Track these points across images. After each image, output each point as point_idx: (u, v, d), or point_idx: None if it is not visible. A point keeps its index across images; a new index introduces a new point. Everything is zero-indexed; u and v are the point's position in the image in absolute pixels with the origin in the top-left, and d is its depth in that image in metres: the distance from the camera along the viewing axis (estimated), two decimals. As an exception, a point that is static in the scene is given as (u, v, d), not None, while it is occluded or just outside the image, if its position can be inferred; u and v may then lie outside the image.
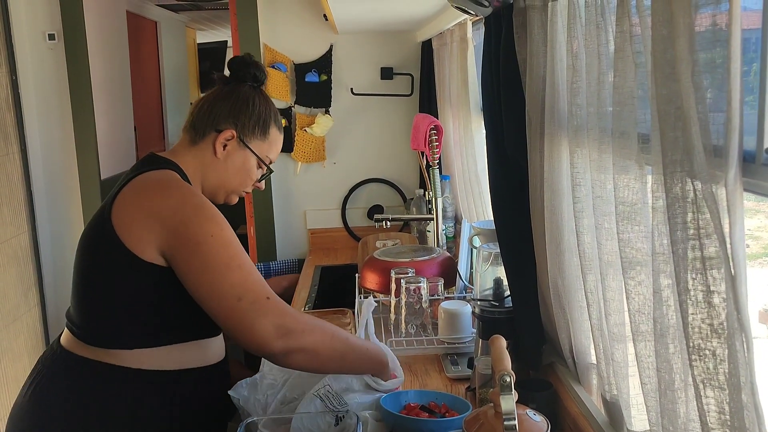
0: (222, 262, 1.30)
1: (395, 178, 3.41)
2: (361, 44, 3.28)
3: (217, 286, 1.30)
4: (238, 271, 1.31)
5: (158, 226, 1.32)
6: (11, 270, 3.01)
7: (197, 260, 1.30)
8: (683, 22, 0.77)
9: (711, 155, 0.77)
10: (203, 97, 1.56)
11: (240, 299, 1.29)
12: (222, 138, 1.50)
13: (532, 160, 1.44)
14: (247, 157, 1.53)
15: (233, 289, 1.29)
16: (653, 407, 1.01)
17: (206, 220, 1.33)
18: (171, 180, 1.40)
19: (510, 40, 1.45)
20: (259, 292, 1.31)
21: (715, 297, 0.78)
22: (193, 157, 1.51)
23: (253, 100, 1.54)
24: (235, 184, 1.55)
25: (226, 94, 1.54)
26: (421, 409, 1.45)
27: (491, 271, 1.70)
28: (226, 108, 1.51)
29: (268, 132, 1.56)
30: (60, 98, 3.23)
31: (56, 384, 1.39)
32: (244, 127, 1.52)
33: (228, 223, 1.37)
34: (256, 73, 1.57)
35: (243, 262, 1.33)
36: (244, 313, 1.29)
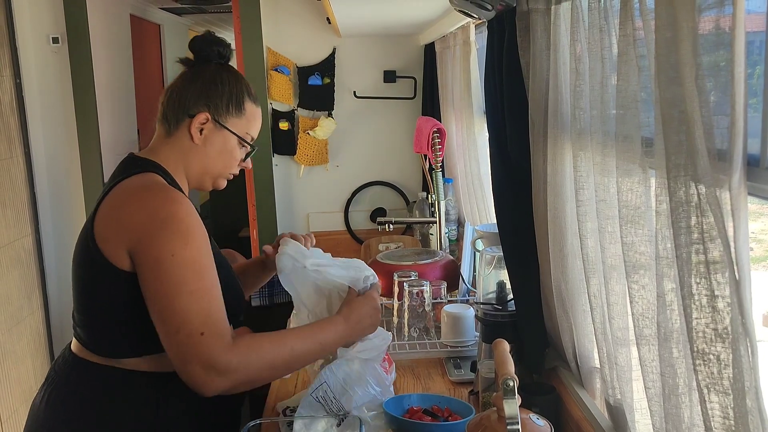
0: (173, 286, 1.26)
1: (398, 181, 3.41)
2: (364, 47, 3.29)
3: (163, 311, 1.26)
4: (186, 298, 1.25)
5: (128, 239, 1.30)
6: (14, 273, 3.01)
7: (152, 280, 1.27)
8: (687, 26, 0.77)
9: (715, 159, 0.76)
10: (169, 86, 1.48)
11: (178, 331, 1.25)
12: (196, 122, 1.42)
13: (535, 163, 1.44)
14: (226, 137, 1.45)
15: (175, 317, 1.25)
16: (657, 411, 1.00)
17: (171, 236, 1.27)
18: (146, 188, 1.35)
19: (513, 43, 1.45)
20: (197, 326, 1.25)
21: (720, 301, 0.78)
22: (171, 149, 1.44)
23: (221, 78, 1.45)
24: (219, 168, 1.48)
25: (193, 77, 1.46)
26: (424, 412, 1.45)
27: (494, 275, 1.70)
28: (195, 91, 1.43)
29: (243, 107, 1.46)
30: (64, 101, 3.24)
31: (69, 390, 1.39)
32: (218, 107, 1.43)
33: (201, 236, 1.32)
34: (220, 50, 1.48)
35: (196, 288, 1.27)
36: (178, 347, 1.26)
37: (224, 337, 1.27)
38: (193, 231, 1.31)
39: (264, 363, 1.30)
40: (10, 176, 3.03)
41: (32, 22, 3.17)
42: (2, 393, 2.85)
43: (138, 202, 1.32)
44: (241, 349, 1.27)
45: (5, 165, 3.00)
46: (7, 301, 2.93)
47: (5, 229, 2.95)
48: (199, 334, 1.25)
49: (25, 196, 3.16)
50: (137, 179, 1.37)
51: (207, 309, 1.27)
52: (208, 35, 1.49)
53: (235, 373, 1.26)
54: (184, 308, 1.25)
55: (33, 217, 3.20)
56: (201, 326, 1.25)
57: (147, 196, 1.33)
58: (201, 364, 1.24)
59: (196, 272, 1.28)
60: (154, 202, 1.31)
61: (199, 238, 1.31)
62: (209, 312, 1.27)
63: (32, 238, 3.19)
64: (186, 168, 1.45)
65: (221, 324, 1.28)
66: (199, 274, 1.28)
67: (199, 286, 1.27)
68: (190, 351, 1.25)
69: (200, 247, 1.31)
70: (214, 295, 1.30)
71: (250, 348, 1.29)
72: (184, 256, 1.27)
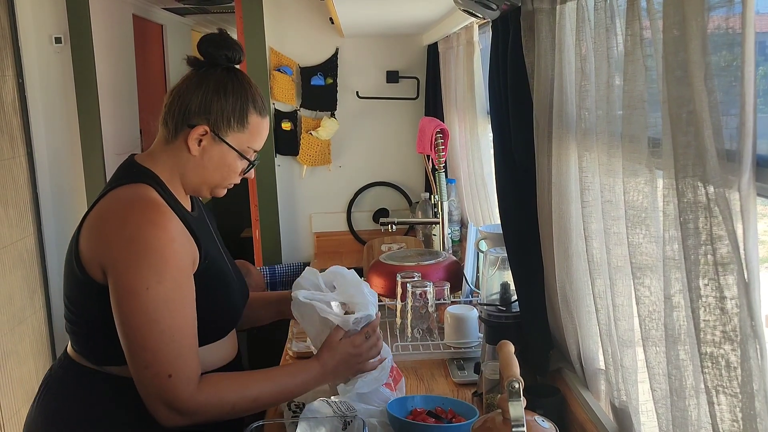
0: (145, 322, 1.24)
1: (401, 181, 3.40)
2: (366, 48, 3.28)
3: (133, 345, 1.26)
4: (157, 337, 1.25)
5: (104, 257, 1.28)
6: (17, 273, 3.01)
7: (125, 311, 1.26)
8: (696, 24, 0.76)
9: (724, 159, 0.76)
10: (173, 88, 1.39)
11: (146, 368, 1.25)
12: (195, 134, 1.35)
13: (540, 163, 1.43)
14: (224, 151, 1.37)
15: (144, 354, 1.25)
16: (664, 414, 1.00)
17: (147, 268, 1.24)
18: (132, 205, 1.30)
19: (518, 43, 1.44)
20: (165, 367, 1.25)
21: (728, 302, 0.77)
22: (168, 157, 1.39)
23: (225, 88, 1.36)
24: (216, 180, 1.41)
25: (197, 84, 1.36)
26: (428, 414, 1.44)
27: (498, 276, 1.69)
28: (197, 100, 1.35)
29: (246, 121, 1.37)
30: (66, 101, 3.24)
31: (62, 393, 1.39)
32: (218, 120, 1.35)
33: (179, 269, 1.28)
34: (228, 54, 1.38)
35: (168, 327, 1.25)
36: (145, 383, 1.27)
37: (191, 381, 1.28)
38: (171, 261, 1.27)
39: (226, 408, 1.31)
40: (12, 176, 3.03)
41: (35, 22, 3.17)
42: (4, 393, 2.84)
43: (119, 220, 1.29)
44: (204, 394, 1.29)
45: (8, 165, 2.99)
46: (9, 301, 2.93)
47: (8, 229, 2.95)
48: (167, 376, 1.25)
49: (28, 196, 3.16)
50: (127, 191, 1.34)
51: (177, 350, 1.27)
52: (217, 37, 1.39)
53: (195, 416, 1.28)
54: (154, 347, 1.25)
55: (35, 217, 3.20)
56: (169, 368, 1.25)
57: (129, 216, 1.29)
58: (164, 403, 1.26)
59: (170, 309, 1.26)
60: (136, 222, 1.27)
61: (176, 270, 1.28)
62: (179, 353, 1.27)
63: (34, 238, 3.19)
64: (182, 177, 1.40)
65: (190, 365, 1.28)
66: (172, 312, 1.26)
67: (171, 324, 1.26)
68: (155, 390, 1.26)
69: (177, 280, 1.28)
70: (186, 333, 1.29)
71: (215, 393, 1.30)
72: (159, 292, 1.25)
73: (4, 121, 2.98)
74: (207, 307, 1.35)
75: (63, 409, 1.37)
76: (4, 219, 2.94)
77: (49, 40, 3.19)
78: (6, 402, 2.84)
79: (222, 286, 1.43)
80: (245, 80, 1.41)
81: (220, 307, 1.43)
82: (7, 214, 2.96)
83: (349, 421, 1.31)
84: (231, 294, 1.46)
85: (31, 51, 3.17)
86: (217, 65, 1.39)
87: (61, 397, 1.38)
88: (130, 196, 1.33)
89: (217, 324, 1.42)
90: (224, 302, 1.44)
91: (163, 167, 1.39)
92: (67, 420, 1.36)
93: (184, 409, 1.27)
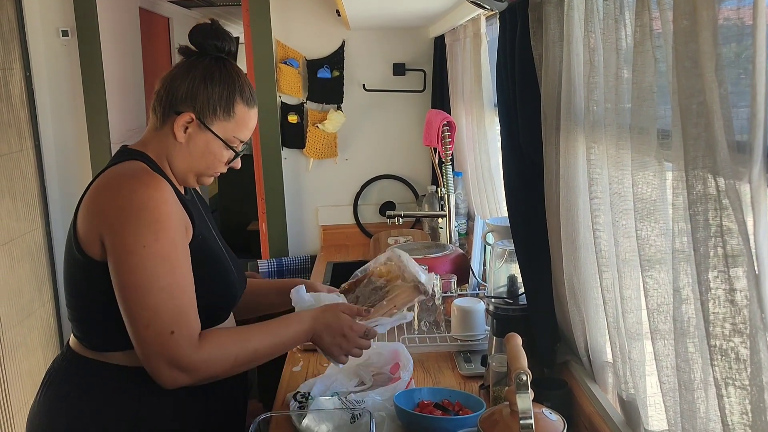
0: (144, 280, 1.25)
1: (407, 174, 3.40)
2: (373, 40, 3.27)
3: (133, 305, 1.25)
4: (157, 295, 1.25)
5: (100, 224, 1.28)
6: (25, 265, 3.03)
7: (123, 271, 1.26)
8: (707, 15, 0.76)
9: (734, 151, 0.75)
10: (164, 76, 1.41)
11: (147, 327, 1.25)
12: (181, 121, 1.36)
13: (548, 156, 1.43)
14: (209, 139, 1.38)
15: (145, 313, 1.25)
16: (672, 407, 0.99)
17: (143, 226, 1.25)
18: (125, 174, 1.32)
19: (525, 35, 1.44)
20: (167, 324, 1.25)
21: (738, 295, 0.77)
22: (158, 143, 1.40)
23: (212, 77, 1.37)
24: (202, 167, 1.42)
25: (185, 71, 1.38)
26: (435, 406, 1.45)
27: (505, 269, 1.69)
28: (184, 87, 1.36)
29: (232, 111, 1.38)
30: (73, 94, 3.24)
31: (64, 385, 1.40)
32: (204, 108, 1.36)
33: (175, 228, 1.29)
34: (217, 44, 1.39)
35: (167, 284, 1.26)
36: (146, 343, 1.26)
37: (193, 337, 1.28)
38: (167, 221, 1.28)
39: (227, 362, 1.32)
40: (20, 169, 3.04)
41: (42, 16, 3.17)
42: (14, 385, 2.86)
43: (114, 187, 1.31)
44: (207, 348, 1.29)
45: (15, 158, 3.00)
46: (18, 293, 2.94)
47: (16, 222, 2.97)
48: (169, 333, 1.25)
49: (36, 188, 3.17)
50: (120, 167, 1.36)
51: (178, 307, 1.27)
52: (207, 26, 1.41)
53: (198, 372, 1.28)
54: (155, 305, 1.25)
55: (43, 210, 3.21)
56: (171, 324, 1.25)
57: (123, 181, 1.31)
58: (167, 361, 1.26)
59: (169, 267, 1.26)
60: (129, 187, 1.29)
61: (172, 229, 1.29)
62: (180, 310, 1.27)
63: (42, 231, 3.20)
64: (170, 163, 1.41)
65: (191, 322, 1.29)
66: (171, 269, 1.27)
67: (171, 281, 1.26)
68: (157, 348, 1.26)
69: (173, 239, 1.28)
70: (185, 291, 1.29)
71: (216, 347, 1.30)
72: (156, 249, 1.25)
73: (11, 114, 2.99)
74: (201, 288, 1.34)
75: (65, 400, 1.38)
76: (12, 212, 2.95)
77: (55, 33, 3.19)
78: (15, 394, 2.86)
79: (216, 265, 1.43)
80: (234, 70, 1.41)
81: (216, 288, 1.42)
82: (15, 207, 2.97)
83: (357, 414, 1.32)
84: (225, 274, 1.45)
85: (38, 44, 3.17)
86: (206, 54, 1.40)
87: (64, 389, 1.39)
88: (123, 168, 1.35)
89: (212, 306, 1.41)
90: (220, 282, 1.43)
91: (154, 152, 1.41)
92: (69, 410, 1.37)
93: (187, 366, 1.26)
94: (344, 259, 3.12)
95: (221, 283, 1.44)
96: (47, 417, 1.39)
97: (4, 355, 2.83)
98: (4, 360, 2.83)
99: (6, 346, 2.84)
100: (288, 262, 3.30)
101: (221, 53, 1.42)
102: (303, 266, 3.31)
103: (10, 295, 2.88)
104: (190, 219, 1.37)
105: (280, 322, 1.43)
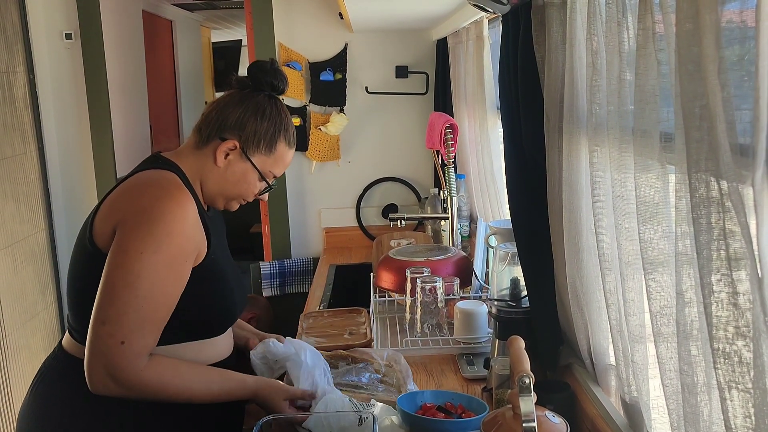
0: (124, 281, 1.26)
1: (410, 176, 3.40)
2: (376, 43, 3.28)
3: (104, 296, 1.26)
4: (128, 300, 1.25)
5: (115, 218, 1.30)
6: (29, 268, 3.03)
7: (111, 265, 1.28)
8: (709, 18, 0.76)
9: (737, 154, 0.75)
10: (216, 100, 1.49)
11: (104, 324, 1.25)
12: (224, 147, 1.42)
13: (550, 158, 1.43)
14: (247, 169, 1.45)
15: (108, 310, 1.25)
16: (675, 410, 0.99)
17: (148, 235, 1.27)
18: (154, 181, 1.36)
19: (528, 37, 1.44)
20: (122, 331, 1.25)
21: (741, 298, 0.77)
22: (195, 160, 1.45)
23: (263, 112, 1.45)
24: (234, 194, 1.48)
25: (238, 101, 1.46)
26: (438, 409, 1.45)
27: (508, 271, 1.69)
28: (235, 116, 1.43)
29: (274, 147, 1.46)
30: (77, 97, 3.25)
31: (54, 385, 1.41)
32: (249, 140, 1.43)
33: (178, 247, 1.30)
34: (274, 82, 1.48)
35: (142, 296, 1.26)
36: (96, 338, 1.26)
37: (140, 355, 1.28)
38: (175, 239, 1.29)
39: (161, 394, 1.32)
40: (24, 171, 3.05)
41: (45, 19, 3.19)
42: (17, 387, 2.87)
43: (142, 190, 1.35)
44: (147, 373, 1.29)
45: (19, 160, 3.01)
46: (21, 296, 2.95)
47: (19, 225, 2.97)
48: (120, 341, 1.25)
49: (39, 191, 3.18)
50: (155, 173, 1.39)
51: (141, 321, 1.27)
52: (267, 64, 1.49)
53: (129, 390, 1.28)
54: (120, 307, 1.26)
55: (47, 213, 3.22)
56: (125, 334, 1.26)
57: (152, 187, 1.34)
58: (104, 366, 1.26)
59: (153, 282, 1.27)
60: (156, 194, 1.32)
61: (175, 248, 1.30)
62: (141, 325, 1.27)
63: (46, 234, 3.21)
64: (203, 183, 1.46)
65: (145, 339, 1.28)
66: (152, 284, 1.28)
67: (147, 295, 1.27)
68: (102, 349, 1.26)
69: (171, 258, 1.29)
70: (156, 309, 1.29)
71: (157, 376, 1.30)
72: (151, 261, 1.27)
73: (15, 117, 3.00)
74: (201, 303, 1.38)
75: (54, 399, 1.40)
76: (16, 214, 2.96)
77: (59, 36, 3.20)
78: (18, 395, 2.87)
79: (221, 284, 1.45)
80: (283, 110, 1.50)
81: (216, 305, 1.44)
82: (18, 210, 2.98)
83: (365, 417, 1.32)
84: (229, 294, 1.47)
85: (42, 47, 3.19)
86: (261, 90, 1.48)
87: (54, 388, 1.41)
88: (154, 175, 1.39)
89: (209, 321, 1.44)
90: (221, 300, 1.45)
91: (188, 167, 1.45)
92: (60, 409, 1.38)
93: (122, 380, 1.26)
94: (347, 261, 3.13)
95: (222, 302, 1.46)
96: (37, 416, 1.41)
97: (8, 357, 2.84)
98: (8, 362, 2.84)
99: (9, 349, 2.84)
100: (290, 265, 3.31)
101: (275, 91, 1.49)
102: (305, 269, 3.32)
103: (13, 298, 2.88)
104: (207, 238, 1.39)
105: (225, 379, 1.42)
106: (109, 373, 1.26)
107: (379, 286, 2.25)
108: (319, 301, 2.49)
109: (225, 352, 1.50)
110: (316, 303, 2.47)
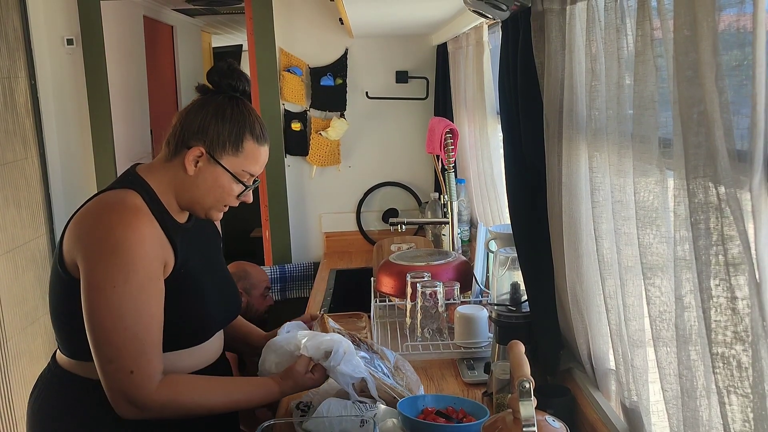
0: (110, 319, 1.29)
1: (410, 181, 3.41)
2: (376, 48, 3.29)
3: (98, 339, 1.30)
4: (121, 334, 1.29)
5: (78, 252, 1.33)
6: (29, 273, 3.04)
7: (91, 307, 1.30)
8: (707, 24, 0.76)
9: (735, 160, 0.76)
10: (180, 111, 1.48)
11: (110, 362, 1.30)
12: (192, 155, 1.41)
13: (550, 163, 1.43)
14: (218, 173, 1.43)
15: (108, 349, 1.30)
16: (675, 414, 1.00)
17: (115, 266, 1.29)
18: (111, 206, 1.36)
19: (528, 43, 1.44)
20: (128, 363, 1.30)
21: (739, 303, 0.77)
22: (166, 173, 1.44)
23: (223, 113, 1.43)
24: (210, 201, 1.46)
25: (198, 108, 1.44)
26: (438, 414, 1.45)
27: (508, 276, 1.69)
28: (197, 122, 1.42)
29: (241, 146, 1.43)
30: (78, 102, 3.26)
31: (49, 399, 1.46)
32: (214, 143, 1.41)
33: (146, 270, 1.32)
34: (232, 83, 1.46)
35: (132, 323, 1.30)
36: (108, 376, 1.31)
37: (152, 377, 1.32)
38: (138, 263, 1.31)
39: (181, 411, 1.36)
40: (25, 177, 3.06)
41: (47, 24, 3.20)
42: (17, 393, 2.87)
43: (95, 220, 1.35)
44: (164, 394, 1.33)
45: (20, 166, 3.02)
46: (22, 300, 2.95)
47: (20, 230, 2.98)
48: (129, 372, 1.30)
49: (40, 196, 3.18)
50: (111, 195, 1.40)
51: (140, 348, 1.31)
52: (223, 66, 1.47)
53: (152, 412, 1.33)
54: (118, 343, 1.30)
55: (48, 218, 3.22)
56: (131, 364, 1.30)
57: (105, 214, 1.35)
58: (124, 398, 1.31)
59: (135, 308, 1.31)
60: (109, 222, 1.33)
61: (143, 270, 1.32)
62: (142, 351, 1.31)
63: (46, 239, 3.21)
64: (177, 195, 1.45)
65: (152, 362, 1.32)
66: (137, 310, 1.31)
67: (136, 321, 1.31)
68: (117, 384, 1.31)
69: (142, 281, 1.32)
70: (150, 332, 1.33)
71: (173, 396, 1.35)
72: (125, 291, 1.30)
73: (16, 122, 3.01)
74: (176, 314, 1.39)
75: (51, 415, 1.45)
76: (17, 220, 2.96)
77: (61, 41, 3.21)
78: (18, 400, 2.87)
79: (195, 296, 1.46)
80: (246, 108, 1.47)
81: (192, 315, 1.46)
82: (19, 215, 2.98)
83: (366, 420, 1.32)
84: (201, 305, 1.48)
85: (44, 53, 3.19)
86: (221, 92, 1.46)
87: (50, 403, 1.45)
88: (111, 198, 1.40)
89: (187, 331, 1.45)
90: (196, 311, 1.46)
91: (159, 181, 1.45)
92: (52, 424, 1.44)
93: (143, 405, 1.32)
94: (347, 266, 3.13)
95: (196, 312, 1.47)
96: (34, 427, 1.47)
97: (9, 362, 2.84)
98: (9, 367, 2.84)
99: (10, 353, 2.85)
100: (291, 269, 3.31)
101: (235, 92, 1.47)
102: (306, 273, 3.32)
103: (14, 303, 2.89)
104: (173, 251, 1.40)
105: (244, 389, 1.45)
106: (129, 402, 1.31)
107: (379, 290, 2.25)
108: (320, 306, 2.49)
109: (211, 358, 1.53)
110: (317, 307, 2.48)
